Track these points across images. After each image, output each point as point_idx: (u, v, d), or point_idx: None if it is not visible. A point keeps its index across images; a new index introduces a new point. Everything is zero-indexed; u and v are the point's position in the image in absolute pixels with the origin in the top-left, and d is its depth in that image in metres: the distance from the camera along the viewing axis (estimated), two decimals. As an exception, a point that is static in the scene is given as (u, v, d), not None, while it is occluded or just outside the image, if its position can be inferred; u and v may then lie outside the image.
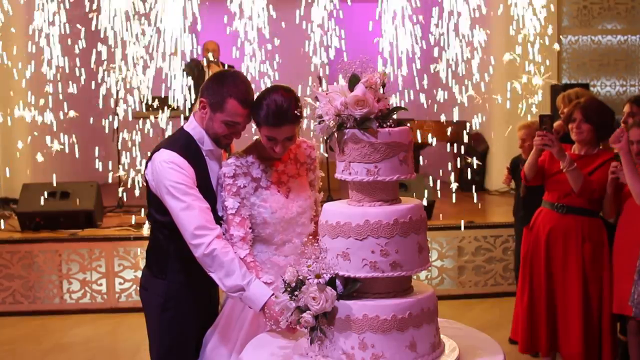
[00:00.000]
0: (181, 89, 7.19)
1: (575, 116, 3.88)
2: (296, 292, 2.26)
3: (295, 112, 2.60)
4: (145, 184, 2.77)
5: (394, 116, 2.33)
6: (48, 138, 7.41)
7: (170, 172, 2.61)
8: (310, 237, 2.77)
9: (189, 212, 2.58)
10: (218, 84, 2.71)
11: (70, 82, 7.39)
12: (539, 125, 3.83)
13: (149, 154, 2.80)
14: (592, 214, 3.88)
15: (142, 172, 2.79)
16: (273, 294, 2.50)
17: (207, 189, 2.71)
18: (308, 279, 2.25)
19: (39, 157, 7.39)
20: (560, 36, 8.59)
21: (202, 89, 2.76)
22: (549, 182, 3.99)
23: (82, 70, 7.38)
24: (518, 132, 4.96)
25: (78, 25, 7.11)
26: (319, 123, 2.35)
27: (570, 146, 3.99)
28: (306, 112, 2.45)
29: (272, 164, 2.77)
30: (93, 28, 6.84)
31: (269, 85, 2.84)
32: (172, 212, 2.63)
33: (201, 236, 2.56)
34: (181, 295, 2.77)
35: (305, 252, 2.33)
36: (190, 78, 7.44)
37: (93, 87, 7.30)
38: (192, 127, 2.77)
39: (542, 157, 4.01)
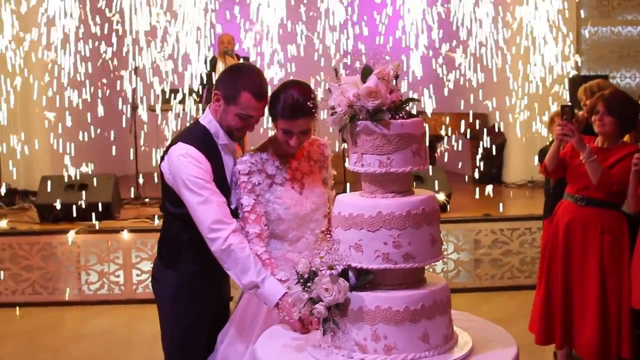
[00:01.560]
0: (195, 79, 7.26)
1: (599, 108, 3.83)
2: (309, 284, 2.27)
3: (311, 105, 2.60)
4: (160, 176, 2.79)
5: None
6: (65, 130, 7.49)
7: (188, 166, 2.62)
8: (324, 232, 2.78)
9: (206, 206, 2.59)
10: (232, 77, 2.71)
11: (87, 73, 7.45)
12: (560, 115, 3.80)
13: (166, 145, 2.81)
14: (613, 207, 3.83)
15: (158, 165, 2.80)
16: (287, 292, 2.50)
17: (223, 183, 2.72)
18: (321, 271, 2.25)
19: (58, 150, 7.46)
20: (580, 27, 8.50)
21: (216, 82, 2.77)
22: (570, 174, 3.95)
23: (99, 63, 7.45)
24: (553, 120, 4.84)
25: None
26: (332, 115, 2.35)
27: (594, 138, 3.94)
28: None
29: (287, 161, 2.77)
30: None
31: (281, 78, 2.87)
32: (188, 206, 2.63)
33: (218, 230, 2.57)
34: (192, 286, 2.79)
35: (318, 247, 2.33)
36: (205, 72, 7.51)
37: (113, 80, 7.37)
38: (208, 120, 2.77)
39: (565, 149, 3.97)
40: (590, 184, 3.76)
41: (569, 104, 4.08)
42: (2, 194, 7.51)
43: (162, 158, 2.76)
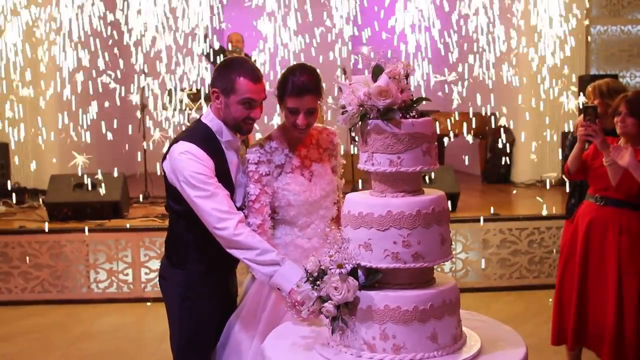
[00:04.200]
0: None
1: (621, 109, 3.81)
2: (318, 282, 2.27)
3: (317, 84, 2.70)
4: (163, 175, 2.80)
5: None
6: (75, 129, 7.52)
7: (190, 163, 2.63)
8: (334, 222, 2.86)
9: (211, 199, 2.59)
10: (225, 70, 2.76)
11: (97, 71, 7.47)
12: (583, 116, 3.78)
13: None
14: (632, 207, 3.80)
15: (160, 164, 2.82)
16: None
17: (227, 180, 2.74)
18: (330, 269, 2.26)
19: (67, 149, 7.49)
20: (589, 26, 8.46)
21: (211, 81, 2.80)
22: (591, 175, 3.94)
23: (109, 61, 7.47)
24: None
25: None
26: (342, 113, 2.36)
27: (617, 140, 3.92)
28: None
29: (296, 149, 2.82)
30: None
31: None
32: (191, 202, 2.64)
33: (226, 220, 2.58)
34: (200, 285, 2.80)
35: (328, 236, 2.35)
36: (210, 65, 7.51)
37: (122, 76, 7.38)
38: (210, 119, 2.79)
39: (587, 150, 3.96)
40: (610, 184, 3.75)
41: (592, 104, 4.04)
42: (9, 192, 7.55)
43: (165, 157, 2.77)
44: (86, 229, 6.15)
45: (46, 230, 6.19)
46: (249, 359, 2.73)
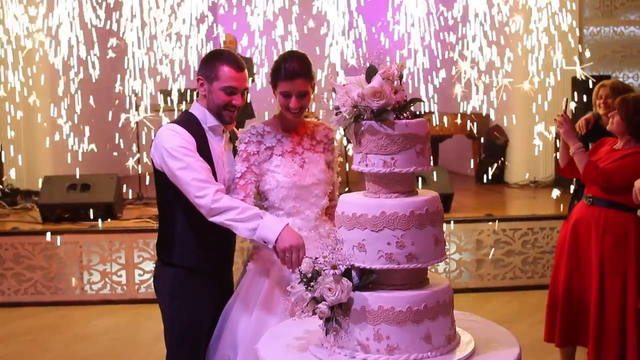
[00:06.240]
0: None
1: (617, 107, 3.88)
2: (312, 283, 2.27)
3: (307, 68, 2.80)
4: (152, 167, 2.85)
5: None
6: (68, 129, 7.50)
7: (171, 138, 2.74)
8: (327, 216, 2.90)
9: (191, 170, 2.68)
10: (210, 59, 2.88)
11: (90, 73, 7.46)
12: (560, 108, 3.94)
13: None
14: (619, 207, 3.81)
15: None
16: (288, 223, 2.65)
17: (209, 164, 2.79)
18: (324, 270, 2.26)
19: (60, 149, 7.48)
20: (583, 27, 8.48)
21: (198, 69, 2.91)
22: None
23: (100, 62, 7.45)
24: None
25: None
26: (336, 114, 2.36)
27: (616, 141, 3.96)
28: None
29: (288, 135, 2.90)
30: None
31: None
32: (173, 176, 2.71)
33: (204, 188, 2.65)
34: (189, 283, 2.84)
35: (321, 234, 2.36)
36: None
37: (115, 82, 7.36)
38: (195, 107, 2.91)
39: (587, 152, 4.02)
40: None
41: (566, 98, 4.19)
42: (3, 194, 7.52)
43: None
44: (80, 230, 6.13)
45: (40, 231, 6.16)
46: (243, 350, 2.75)
